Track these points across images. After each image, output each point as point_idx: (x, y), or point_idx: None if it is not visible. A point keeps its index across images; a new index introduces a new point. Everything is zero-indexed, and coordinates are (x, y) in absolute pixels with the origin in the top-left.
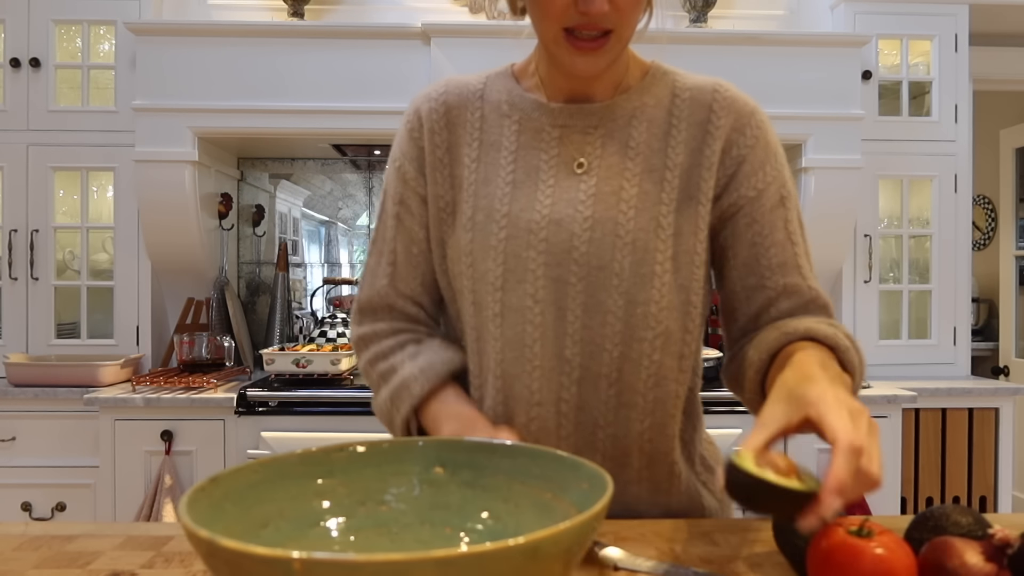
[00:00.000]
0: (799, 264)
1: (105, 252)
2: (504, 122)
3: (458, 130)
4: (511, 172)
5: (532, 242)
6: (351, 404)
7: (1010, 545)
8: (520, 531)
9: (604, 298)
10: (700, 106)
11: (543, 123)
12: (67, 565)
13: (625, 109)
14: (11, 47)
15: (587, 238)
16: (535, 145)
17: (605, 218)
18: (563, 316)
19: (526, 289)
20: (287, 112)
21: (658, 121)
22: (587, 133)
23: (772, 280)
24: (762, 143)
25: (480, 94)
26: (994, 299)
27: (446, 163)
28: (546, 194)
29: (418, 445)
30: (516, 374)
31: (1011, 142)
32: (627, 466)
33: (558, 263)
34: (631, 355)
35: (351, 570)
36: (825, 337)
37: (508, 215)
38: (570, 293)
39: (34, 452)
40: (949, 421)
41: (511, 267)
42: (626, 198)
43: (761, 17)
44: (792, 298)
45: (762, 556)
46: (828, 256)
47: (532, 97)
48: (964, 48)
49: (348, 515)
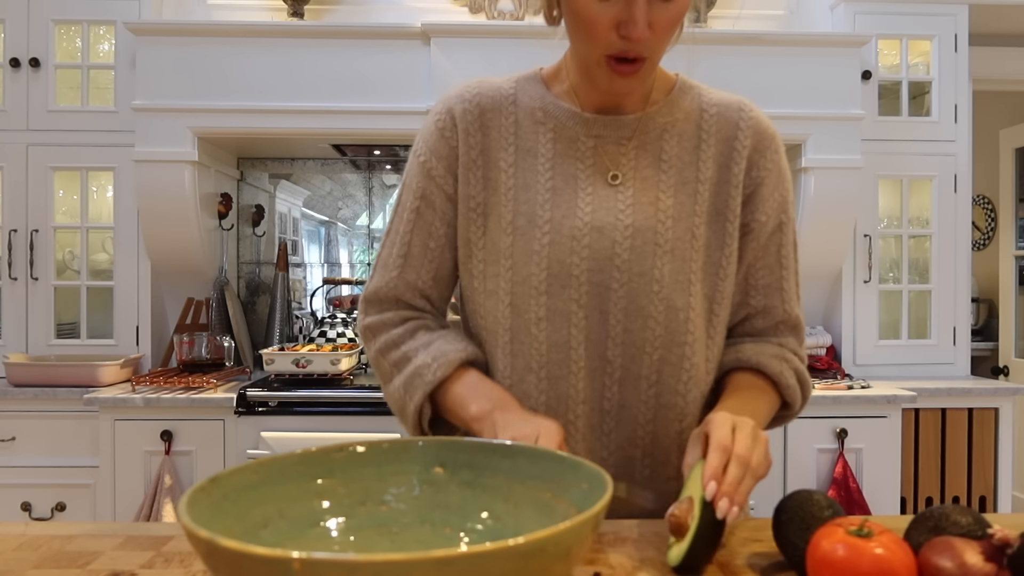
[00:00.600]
0: (782, 288)
1: (105, 252)
2: (539, 129)
3: (492, 133)
4: (550, 179)
5: (575, 248)
6: (351, 404)
7: (1010, 545)
8: (520, 531)
9: (645, 303)
10: (727, 123)
11: (578, 132)
12: (67, 565)
13: (657, 123)
14: (11, 47)
15: (628, 245)
16: (571, 154)
17: (645, 227)
18: (605, 320)
19: (570, 294)
20: (287, 112)
21: (688, 135)
22: (620, 144)
23: (755, 299)
24: (777, 169)
25: (512, 99)
26: (994, 299)
27: (480, 164)
28: (586, 202)
29: (418, 445)
30: (561, 375)
31: (1011, 142)
32: (667, 463)
33: (600, 269)
34: (670, 358)
35: (351, 570)
36: (772, 374)
37: (551, 221)
38: (612, 298)
39: (34, 452)
40: (949, 421)
41: (555, 272)
42: (663, 208)
43: (761, 17)
44: (767, 318)
45: (762, 556)
46: (828, 256)
47: (566, 106)
48: (964, 48)
49: (348, 515)
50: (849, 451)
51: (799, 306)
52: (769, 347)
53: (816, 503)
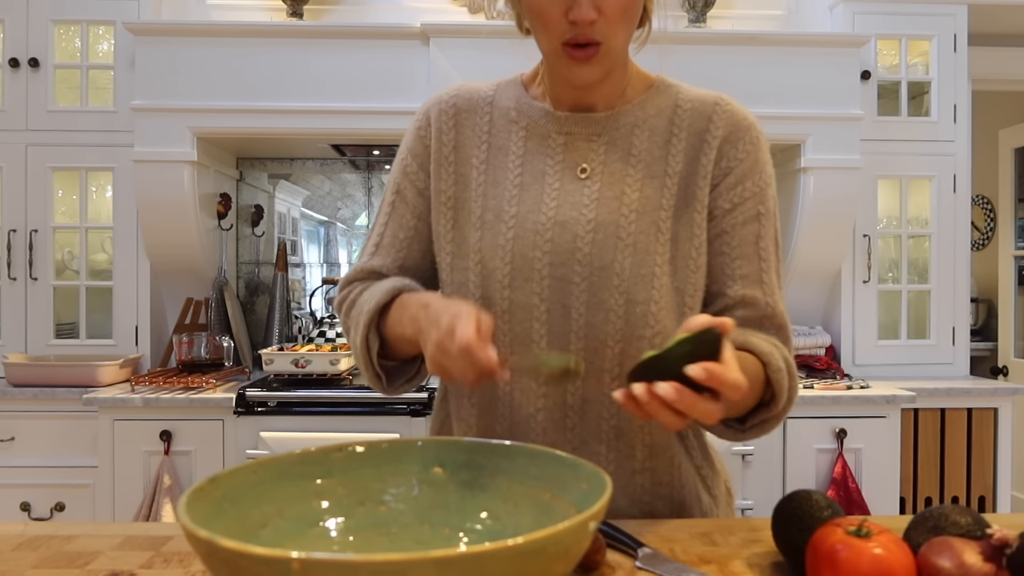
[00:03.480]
0: (763, 280)
1: (104, 252)
2: (512, 127)
3: (466, 131)
4: (518, 175)
5: (538, 242)
6: (350, 404)
7: (1009, 545)
8: (519, 531)
9: (606, 297)
10: (700, 116)
11: (549, 130)
12: (66, 565)
13: (628, 119)
14: (10, 47)
15: (590, 239)
16: (541, 151)
17: (607, 221)
18: (567, 314)
19: (532, 288)
20: (286, 112)
21: (659, 130)
22: (591, 140)
23: (733, 289)
24: (751, 159)
25: (490, 100)
26: (993, 299)
27: (452, 160)
28: (552, 197)
29: (417, 445)
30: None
31: (1010, 142)
32: (632, 457)
33: (562, 263)
34: (631, 352)
35: (350, 570)
36: (761, 353)
37: (516, 216)
38: (574, 292)
39: (33, 452)
40: (948, 421)
41: (518, 266)
42: (627, 202)
43: (760, 17)
44: (748, 309)
45: (761, 556)
46: (827, 256)
47: (539, 105)
48: (963, 48)
49: (347, 515)
50: (848, 451)
51: (783, 304)
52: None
53: (815, 503)
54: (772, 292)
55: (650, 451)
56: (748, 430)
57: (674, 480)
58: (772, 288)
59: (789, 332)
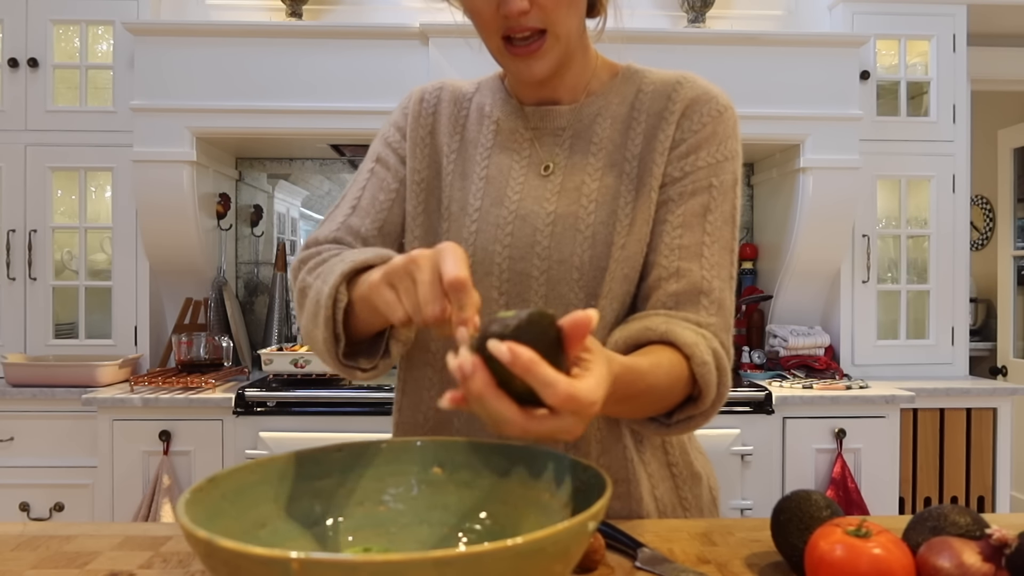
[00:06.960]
0: (703, 253)
1: (103, 252)
2: (484, 121)
3: (443, 120)
4: (484, 168)
5: (499, 236)
6: (350, 404)
7: (1008, 545)
8: (518, 531)
9: (565, 291)
10: (661, 97)
11: (518, 125)
12: (65, 565)
13: (591, 109)
14: (9, 47)
15: (549, 232)
16: (509, 146)
17: (567, 213)
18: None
19: (492, 282)
20: (285, 112)
21: (621, 116)
22: (557, 135)
23: (668, 259)
24: (709, 130)
25: (470, 96)
26: (992, 299)
27: (427, 143)
28: (515, 191)
29: (416, 445)
30: None
31: (1009, 142)
32: (587, 454)
33: (522, 257)
34: None
35: (349, 570)
36: (684, 344)
37: (480, 209)
38: (532, 286)
39: (32, 452)
40: (947, 421)
41: (479, 259)
42: (587, 192)
43: (759, 17)
44: (681, 281)
45: (761, 556)
46: (826, 256)
47: (510, 100)
48: (962, 48)
49: (346, 515)
50: (847, 451)
51: (728, 288)
52: (685, 322)
53: (814, 503)
54: (712, 268)
55: (603, 448)
56: (673, 425)
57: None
58: (714, 264)
59: (729, 315)
